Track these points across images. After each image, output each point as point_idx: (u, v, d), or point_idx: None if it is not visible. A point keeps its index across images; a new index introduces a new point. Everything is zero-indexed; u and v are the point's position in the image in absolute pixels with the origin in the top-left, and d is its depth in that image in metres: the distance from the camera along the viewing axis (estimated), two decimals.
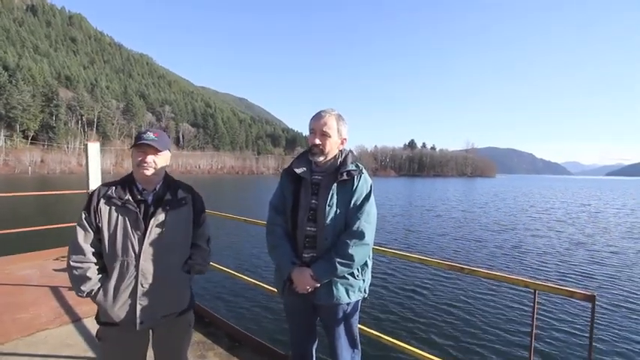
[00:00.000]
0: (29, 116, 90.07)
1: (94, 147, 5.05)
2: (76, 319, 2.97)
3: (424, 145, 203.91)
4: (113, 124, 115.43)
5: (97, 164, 5.07)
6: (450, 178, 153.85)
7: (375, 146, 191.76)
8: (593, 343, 1.42)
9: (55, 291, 3.58)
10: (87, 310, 3.10)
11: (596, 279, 8.89)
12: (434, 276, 8.30)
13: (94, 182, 4.96)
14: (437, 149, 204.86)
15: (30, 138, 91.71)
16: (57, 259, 4.74)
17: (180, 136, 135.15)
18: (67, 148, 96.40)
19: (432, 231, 15.61)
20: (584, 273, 9.41)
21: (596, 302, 1.40)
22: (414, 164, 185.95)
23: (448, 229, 16.37)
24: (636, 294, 7.72)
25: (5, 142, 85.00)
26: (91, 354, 2.49)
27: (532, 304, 1.62)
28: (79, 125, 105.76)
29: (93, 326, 2.84)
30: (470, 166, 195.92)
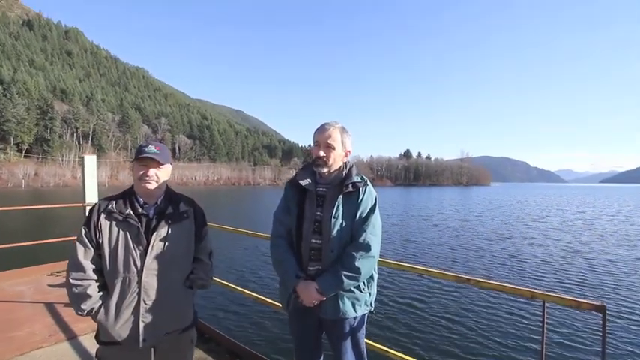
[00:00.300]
0: (24, 129, 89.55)
1: (90, 160, 5.02)
2: (71, 337, 2.89)
3: (420, 155, 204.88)
4: (109, 137, 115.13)
5: (93, 177, 5.03)
6: (445, 187, 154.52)
7: (371, 156, 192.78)
8: (606, 354, 1.40)
9: (50, 307, 3.49)
10: (83, 328, 3.02)
11: (598, 287, 8.87)
12: (439, 287, 8.24)
13: (91, 195, 4.92)
14: (432, 159, 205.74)
15: (24, 151, 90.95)
16: (51, 274, 4.64)
17: (177, 148, 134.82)
18: (62, 161, 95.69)
19: (430, 241, 15.56)
20: (585, 281, 9.39)
21: (607, 313, 1.39)
22: (410, 174, 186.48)
23: (446, 238, 16.34)
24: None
25: None
26: None
27: (540, 315, 1.60)
28: (74, 138, 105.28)
29: (89, 344, 2.77)
30: (465, 175, 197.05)
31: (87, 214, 1.52)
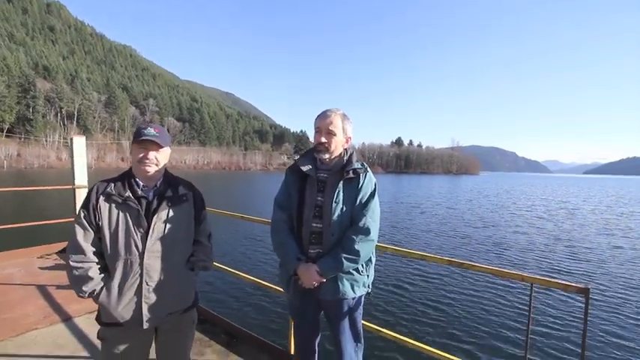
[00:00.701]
0: (4, 108, 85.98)
1: (79, 141, 4.91)
2: (66, 318, 2.90)
3: (411, 143, 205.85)
4: (94, 118, 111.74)
5: (82, 159, 4.94)
6: (436, 175, 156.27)
7: (363, 143, 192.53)
8: (587, 334, 1.49)
9: (42, 290, 3.48)
10: (77, 309, 3.03)
11: (579, 273, 9.25)
12: (432, 272, 8.52)
13: (80, 177, 4.84)
14: (423, 147, 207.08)
15: (5, 131, 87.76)
16: (41, 256, 4.60)
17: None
18: (46, 141, 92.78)
19: (417, 227, 15.90)
20: (566, 267, 9.78)
21: (590, 295, 1.47)
22: (401, 161, 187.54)
23: (433, 225, 16.69)
24: (625, 285, 8.15)
25: None
26: (84, 353, 2.44)
27: (528, 297, 1.68)
28: (59, 118, 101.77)
29: (84, 325, 2.79)
30: (455, 163, 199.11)
31: (85, 196, 1.51)
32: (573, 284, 1.51)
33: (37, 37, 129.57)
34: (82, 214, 1.46)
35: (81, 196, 4.72)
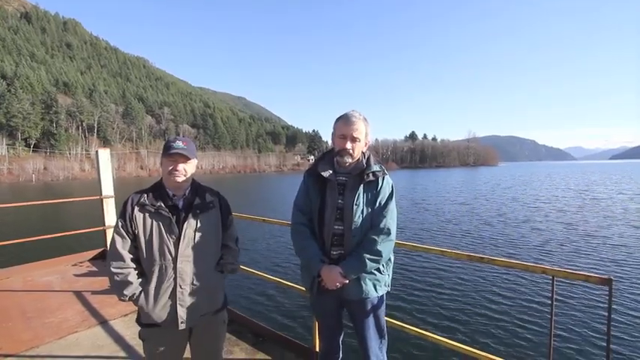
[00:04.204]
0: (30, 124, 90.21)
1: (104, 154, 5.13)
2: (102, 321, 3.08)
3: (425, 137, 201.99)
4: (113, 129, 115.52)
5: (108, 170, 5.16)
6: (452, 168, 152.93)
7: (377, 139, 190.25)
8: (612, 325, 1.49)
9: (79, 295, 3.69)
10: (112, 313, 3.21)
11: (603, 265, 8.94)
12: (452, 267, 8.46)
13: (107, 188, 5.06)
14: (438, 140, 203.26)
15: (32, 146, 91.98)
16: (75, 264, 4.86)
17: None
18: (69, 154, 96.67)
19: (435, 223, 15.66)
20: (589, 259, 9.46)
21: (613, 286, 1.47)
22: (416, 156, 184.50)
23: (449, 220, 16.40)
24: None
25: (8, 150, 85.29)
26: (122, 353, 2.59)
27: (550, 290, 1.69)
28: (80, 131, 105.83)
29: (120, 327, 2.96)
30: (472, 155, 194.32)
31: (121, 207, 1.63)
32: (595, 275, 1.52)
33: (56, 55, 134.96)
34: (120, 224, 1.58)
35: (108, 206, 4.95)
